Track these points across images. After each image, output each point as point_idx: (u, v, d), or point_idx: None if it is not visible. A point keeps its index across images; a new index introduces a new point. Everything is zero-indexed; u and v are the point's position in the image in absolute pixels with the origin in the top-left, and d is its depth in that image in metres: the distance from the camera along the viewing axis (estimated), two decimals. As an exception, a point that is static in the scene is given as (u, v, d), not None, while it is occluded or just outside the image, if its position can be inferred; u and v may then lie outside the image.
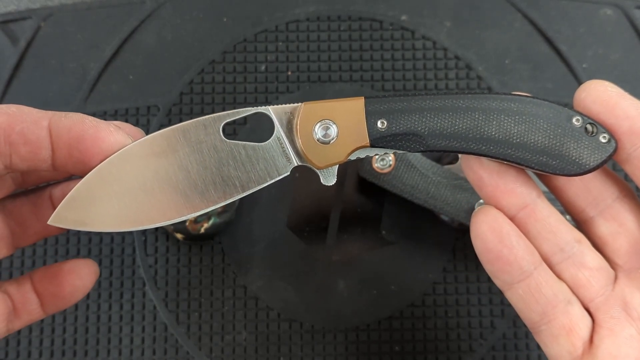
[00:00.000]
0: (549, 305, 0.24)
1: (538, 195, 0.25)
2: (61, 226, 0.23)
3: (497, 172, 0.24)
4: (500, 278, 0.25)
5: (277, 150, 0.24)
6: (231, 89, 0.41)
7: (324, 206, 0.40)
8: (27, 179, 0.27)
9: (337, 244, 0.39)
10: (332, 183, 0.25)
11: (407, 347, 0.38)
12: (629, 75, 0.41)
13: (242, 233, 0.39)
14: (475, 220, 0.24)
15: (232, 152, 0.24)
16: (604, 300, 0.24)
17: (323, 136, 0.24)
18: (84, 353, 0.38)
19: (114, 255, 0.39)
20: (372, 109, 0.24)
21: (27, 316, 0.27)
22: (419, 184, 0.36)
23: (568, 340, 0.24)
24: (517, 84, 0.41)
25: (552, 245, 0.25)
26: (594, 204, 0.25)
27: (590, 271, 0.24)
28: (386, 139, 0.24)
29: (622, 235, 0.24)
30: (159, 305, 0.38)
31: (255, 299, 0.38)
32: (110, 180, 0.23)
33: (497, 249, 0.24)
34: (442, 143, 0.24)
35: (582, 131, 0.23)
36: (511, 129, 0.23)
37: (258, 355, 0.38)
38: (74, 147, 0.23)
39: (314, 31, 0.42)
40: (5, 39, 0.41)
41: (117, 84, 0.41)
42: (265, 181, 0.24)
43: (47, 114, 0.23)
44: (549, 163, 0.23)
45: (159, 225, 0.24)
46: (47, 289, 0.27)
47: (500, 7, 0.42)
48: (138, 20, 0.42)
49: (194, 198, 0.24)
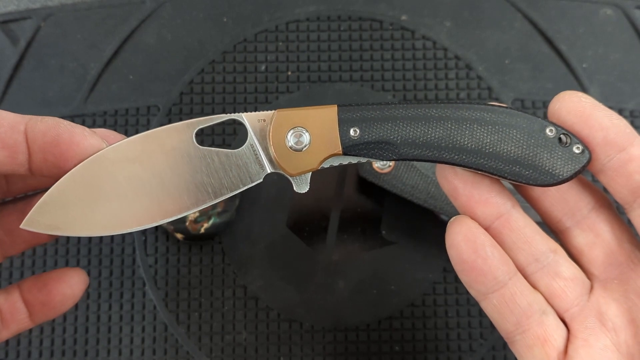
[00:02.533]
0: (523, 315, 0.24)
1: (513, 205, 0.24)
2: (34, 230, 0.23)
3: (472, 182, 0.24)
4: (475, 288, 0.25)
5: (251, 157, 0.24)
6: (231, 89, 0.41)
7: (324, 206, 0.40)
8: (13, 188, 0.27)
9: (337, 244, 0.39)
10: (304, 191, 0.25)
11: (407, 347, 0.38)
12: (629, 75, 0.41)
13: (242, 233, 0.39)
14: (450, 231, 0.24)
15: (205, 159, 0.24)
16: (579, 311, 0.24)
17: (295, 143, 0.24)
18: (84, 353, 0.38)
19: (114, 255, 0.39)
20: (345, 117, 0.24)
21: (16, 326, 0.27)
22: (419, 184, 0.36)
23: (542, 350, 0.24)
24: (517, 84, 0.41)
25: (527, 255, 0.24)
26: (570, 214, 0.25)
27: (565, 281, 0.24)
28: (359, 147, 0.24)
29: (598, 245, 0.24)
30: (159, 305, 0.38)
31: (255, 299, 0.38)
32: (84, 184, 0.23)
33: (472, 259, 0.24)
34: (414, 152, 0.24)
35: (555, 142, 0.23)
36: (484, 138, 0.23)
37: (258, 355, 0.38)
38: (48, 151, 0.23)
39: (314, 31, 0.42)
40: (5, 39, 0.41)
41: (117, 84, 0.41)
42: (238, 188, 0.24)
43: (24, 118, 0.23)
44: (522, 173, 0.23)
45: (132, 230, 0.24)
46: (36, 298, 0.27)
47: (500, 7, 0.42)
48: (138, 20, 0.42)
49: (167, 204, 0.24)
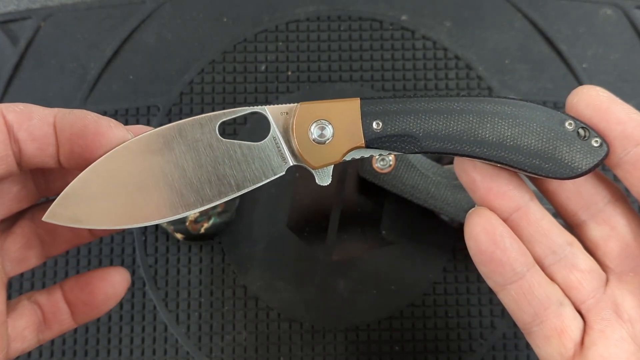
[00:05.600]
0: (541, 306, 0.24)
1: (531, 198, 0.25)
2: (56, 222, 0.23)
3: (490, 175, 0.24)
4: (493, 279, 0.25)
5: (273, 150, 0.24)
6: (231, 89, 0.41)
7: (324, 206, 0.40)
8: (52, 186, 0.27)
9: (337, 244, 0.39)
10: (327, 183, 0.25)
11: (407, 347, 0.38)
12: (629, 75, 0.41)
13: (242, 233, 0.39)
14: (469, 222, 0.25)
15: (227, 151, 0.24)
16: (596, 303, 0.24)
17: (319, 136, 0.24)
18: (84, 353, 0.38)
19: (114, 255, 0.39)
20: (368, 110, 0.24)
21: (58, 326, 0.27)
22: (419, 184, 0.36)
23: (559, 341, 0.24)
24: (517, 84, 0.41)
25: (544, 248, 0.25)
26: (585, 207, 0.25)
27: (582, 273, 0.25)
28: (381, 140, 0.24)
29: (613, 238, 0.25)
30: (159, 305, 0.38)
31: (255, 299, 0.38)
32: (106, 177, 0.23)
33: (491, 251, 0.24)
34: (436, 145, 0.24)
35: (574, 135, 0.23)
36: (505, 131, 0.23)
37: (258, 355, 0.38)
38: (75, 142, 0.23)
39: (314, 31, 0.42)
40: (5, 39, 0.41)
41: (117, 84, 0.41)
42: (260, 180, 0.24)
43: (53, 111, 0.23)
44: (541, 166, 0.23)
45: (154, 223, 0.24)
46: (78, 298, 0.27)
47: (500, 7, 0.42)
48: (138, 20, 0.42)
49: (189, 196, 0.24)
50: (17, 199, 0.25)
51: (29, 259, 0.26)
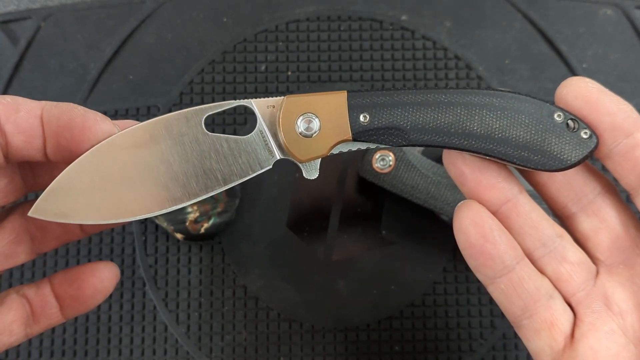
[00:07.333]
0: (530, 299, 0.24)
1: (520, 190, 0.25)
2: (41, 218, 0.23)
3: (479, 167, 0.24)
4: (483, 272, 0.25)
5: (260, 144, 0.24)
6: (231, 89, 0.41)
7: (323, 206, 0.40)
8: (40, 181, 0.26)
9: (337, 244, 0.39)
10: (314, 177, 0.24)
11: (407, 347, 0.38)
12: (629, 75, 0.41)
13: (242, 233, 0.39)
14: (458, 215, 0.24)
15: (214, 145, 0.24)
16: (586, 295, 0.24)
17: (305, 129, 0.24)
18: (84, 353, 0.38)
19: (114, 255, 0.39)
20: (355, 102, 0.24)
21: (46, 320, 0.27)
22: (419, 184, 0.36)
23: (550, 334, 0.24)
24: (517, 84, 0.41)
25: (534, 240, 0.25)
26: (575, 199, 0.25)
27: (571, 266, 0.25)
28: (368, 132, 0.24)
29: (603, 230, 0.25)
30: (159, 305, 0.38)
31: (255, 299, 0.38)
32: (92, 171, 0.23)
33: (480, 243, 0.24)
34: (424, 137, 0.24)
35: (563, 127, 0.23)
36: (493, 124, 0.23)
37: (258, 355, 0.38)
38: (61, 135, 0.23)
39: (314, 31, 0.42)
40: (5, 39, 0.41)
41: (117, 84, 0.41)
42: (247, 174, 0.24)
43: (40, 104, 0.23)
44: (530, 158, 0.23)
45: (141, 217, 0.23)
46: (67, 292, 0.27)
47: (500, 7, 0.42)
48: (138, 20, 0.42)
49: (176, 190, 0.23)
50: (4, 192, 0.25)
51: (18, 254, 0.26)
